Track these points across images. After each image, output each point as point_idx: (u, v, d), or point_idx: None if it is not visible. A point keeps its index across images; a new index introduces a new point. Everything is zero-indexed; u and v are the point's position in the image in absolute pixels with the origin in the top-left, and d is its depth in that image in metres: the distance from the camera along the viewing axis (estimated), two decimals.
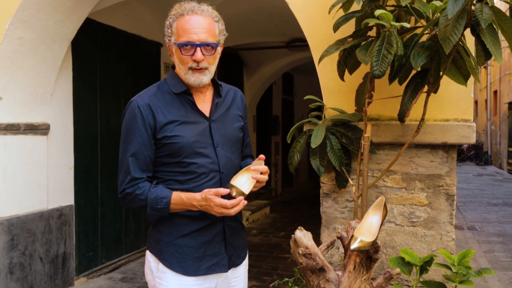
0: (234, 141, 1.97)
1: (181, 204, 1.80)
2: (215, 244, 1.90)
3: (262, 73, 9.11)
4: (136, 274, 5.13)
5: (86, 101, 4.85)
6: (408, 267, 2.43)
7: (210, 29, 1.81)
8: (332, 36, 2.76)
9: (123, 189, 1.84)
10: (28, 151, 4.10)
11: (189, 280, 1.86)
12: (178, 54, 1.83)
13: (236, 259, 1.99)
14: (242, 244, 2.04)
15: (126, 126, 1.86)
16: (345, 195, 3.00)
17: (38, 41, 3.95)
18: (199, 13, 1.80)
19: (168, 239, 1.87)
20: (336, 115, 2.86)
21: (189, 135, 1.83)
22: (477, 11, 2.08)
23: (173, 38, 1.83)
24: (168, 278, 1.87)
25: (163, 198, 1.79)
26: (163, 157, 1.85)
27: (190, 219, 1.86)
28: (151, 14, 5.83)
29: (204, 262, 1.88)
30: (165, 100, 1.86)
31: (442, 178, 2.85)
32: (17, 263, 3.98)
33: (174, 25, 1.82)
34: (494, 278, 5.17)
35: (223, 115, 1.96)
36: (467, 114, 2.83)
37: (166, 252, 1.87)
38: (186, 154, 1.82)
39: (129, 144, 1.83)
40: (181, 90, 1.87)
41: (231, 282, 1.99)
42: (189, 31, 1.77)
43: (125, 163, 1.85)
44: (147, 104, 1.82)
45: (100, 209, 5.08)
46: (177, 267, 1.86)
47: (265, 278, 4.96)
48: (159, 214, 1.81)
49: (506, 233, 7.36)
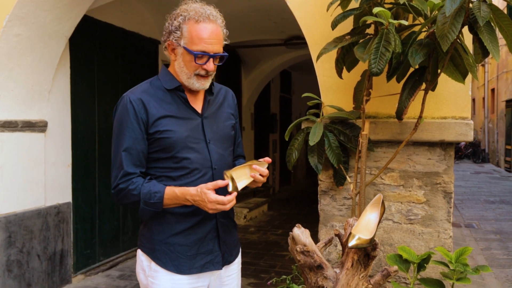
0: (226, 138, 1.98)
1: (175, 199, 1.77)
2: (208, 241, 1.89)
3: (260, 70, 9.10)
4: (133, 271, 5.12)
5: (83, 98, 4.85)
6: (406, 264, 2.44)
7: (221, 39, 1.84)
8: (330, 33, 2.76)
9: (116, 185, 1.81)
10: (26, 148, 4.09)
11: (182, 278, 1.85)
12: (187, 59, 1.82)
13: (229, 256, 1.98)
14: (234, 241, 2.03)
15: (118, 121, 1.85)
16: (343, 193, 3.01)
17: (36, 38, 3.94)
18: (214, 21, 1.81)
19: (160, 238, 1.85)
20: (334, 113, 2.86)
21: (182, 130, 1.83)
22: (474, 8, 2.09)
23: (182, 41, 1.80)
24: (161, 277, 1.85)
25: (156, 192, 1.77)
26: (156, 153, 1.84)
27: (182, 216, 1.85)
28: (150, 12, 5.82)
29: (198, 260, 1.87)
30: (158, 95, 1.86)
31: (440, 175, 2.86)
32: (15, 261, 3.98)
33: (185, 28, 1.79)
34: (491, 276, 5.18)
35: (215, 113, 1.96)
36: (464, 112, 2.84)
37: (159, 250, 1.85)
38: (178, 149, 1.81)
39: (122, 139, 1.81)
40: (174, 86, 1.87)
41: (224, 280, 1.98)
42: (205, 41, 1.78)
43: (118, 158, 1.81)
44: (139, 99, 1.83)
45: (97, 206, 5.07)
46: (170, 266, 1.84)
47: (263, 275, 4.96)
48: (152, 209, 1.78)
49: (503, 231, 7.38)
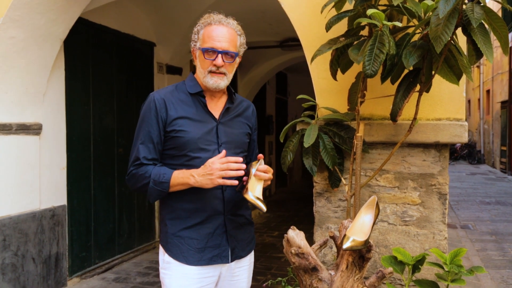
0: (239, 144, 2.09)
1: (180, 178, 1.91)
2: (217, 236, 2.01)
3: (256, 72, 9.10)
4: (129, 274, 5.11)
5: (78, 100, 4.83)
6: (401, 266, 2.44)
7: (232, 40, 1.99)
8: (324, 35, 2.76)
9: (130, 171, 1.98)
10: (20, 151, 4.07)
11: (192, 269, 1.97)
12: (201, 58, 1.99)
13: (240, 251, 2.10)
14: (247, 238, 2.14)
15: (141, 116, 2.01)
16: (338, 195, 3.00)
17: (30, 40, 3.93)
18: (225, 25, 1.99)
19: (173, 231, 2.00)
20: (329, 115, 2.86)
21: (196, 131, 1.97)
22: (468, 10, 2.09)
23: (198, 44, 2.00)
24: (173, 268, 1.99)
25: (165, 173, 1.93)
26: (170, 150, 1.98)
27: (192, 212, 1.98)
28: (145, 14, 5.81)
29: (206, 253, 1.99)
30: (180, 98, 2.02)
31: (435, 177, 2.86)
32: (9, 264, 3.96)
33: (201, 32, 2.00)
34: (487, 277, 5.20)
35: (232, 120, 2.09)
36: (459, 113, 2.84)
37: (171, 243, 2.00)
38: (190, 149, 1.96)
39: (141, 133, 1.98)
40: (196, 91, 2.02)
41: (234, 272, 2.09)
42: (214, 38, 1.96)
43: (135, 149, 1.99)
44: (162, 99, 1.99)
45: (93, 209, 5.06)
46: (180, 257, 1.98)
47: (259, 277, 4.95)
48: (160, 189, 1.92)
49: (498, 232, 7.40)
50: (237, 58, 2.04)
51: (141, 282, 4.86)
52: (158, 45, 6.19)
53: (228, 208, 2.02)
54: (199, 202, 1.97)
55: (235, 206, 2.05)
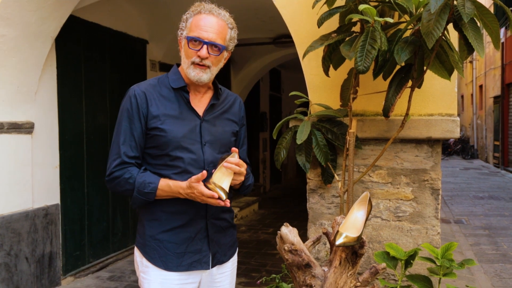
0: (224, 143, 1.98)
1: (168, 192, 1.83)
2: (197, 241, 1.91)
3: (249, 69, 9.09)
4: (124, 272, 5.10)
5: (71, 99, 4.81)
6: (393, 261, 2.45)
7: (221, 32, 1.87)
8: (316, 31, 2.76)
9: (111, 172, 1.86)
10: (12, 150, 4.05)
11: (171, 275, 1.88)
12: (186, 47, 1.88)
13: (222, 256, 2.00)
14: (229, 242, 2.04)
15: (121, 111, 1.90)
16: (332, 191, 3.01)
17: (21, 38, 3.90)
18: (216, 15, 1.87)
19: (151, 233, 1.90)
20: (322, 111, 2.86)
21: (178, 130, 1.86)
22: (459, 5, 2.09)
23: (185, 32, 1.89)
24: (151, 272, 1.89)
25: (150, 183, 1.82)
26: (151, 149, 1.88)
27: (173, 214, 1.88)
28: (137, 11, 5.79)
29: (186, 258, 1.89)
30: (162, 93, 1.90)
31: (427, 172, 2.87)
32: (2, 264, 3.93)
33: (189, 20, 1.88)
34: (480, 271, 5.23)
35: (217, 117, 1.98)
36: (451, 109, 2.85)
37: (149, 246, 1.90)
38: (172, 148, 1.85)
39: (121, 128, 1.87)
40: (179, 86, 1.91)
41: (216, 278, 2.00)
42: (201, 27, 1.84)
43: (116, 146, 1.87)
44: (143, 93, 1.87)
45: (86, 207, 5.04)
46: (158, 262, 1.88)
47: (254, 274, 4.96)
48: (145, 198, 1.84)
49: (492, 226, 7.44)
50: (224, 52, 1.91)
51: (135, 281, 4.85)
52: (151, 43, 6.17)
53: (211, 211, 1.92)
54: (181, 205, 1.86)
55: (219, 209, 1.93)
